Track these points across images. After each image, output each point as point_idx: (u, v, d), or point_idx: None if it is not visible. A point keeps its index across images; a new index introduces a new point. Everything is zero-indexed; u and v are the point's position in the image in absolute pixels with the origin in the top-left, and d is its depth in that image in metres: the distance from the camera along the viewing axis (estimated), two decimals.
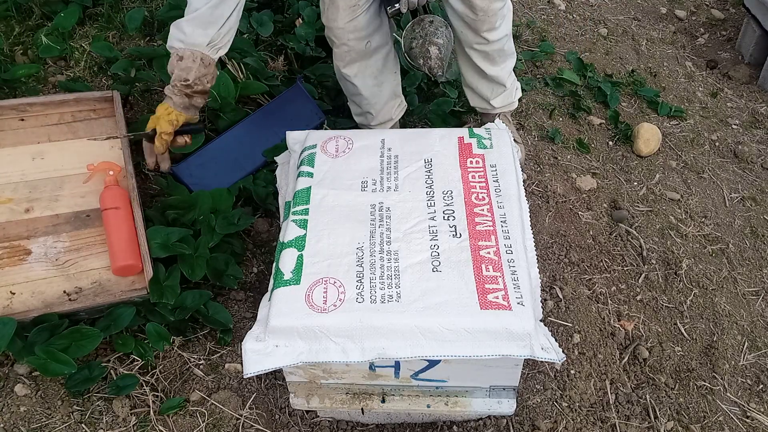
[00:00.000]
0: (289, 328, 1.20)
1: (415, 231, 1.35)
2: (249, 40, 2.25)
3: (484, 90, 2.02)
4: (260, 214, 1.91)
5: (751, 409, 1.62)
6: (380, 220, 1.38)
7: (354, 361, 1.20)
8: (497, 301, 1.21)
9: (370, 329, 1.19)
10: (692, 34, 2.91)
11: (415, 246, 1.32)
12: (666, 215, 2.08)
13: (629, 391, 1.64)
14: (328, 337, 1.20)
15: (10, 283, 1.63)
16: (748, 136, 2.39)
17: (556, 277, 1.87)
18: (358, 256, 1.31)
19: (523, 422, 1.56)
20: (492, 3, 1.76)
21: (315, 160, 1.53)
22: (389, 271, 1.27)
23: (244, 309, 1.74)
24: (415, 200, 1.42)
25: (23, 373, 1.56)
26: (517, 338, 1.18)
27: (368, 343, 1.19)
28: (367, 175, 1.49)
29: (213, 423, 1.53)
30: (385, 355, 1.18)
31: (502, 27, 1.85)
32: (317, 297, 1.24)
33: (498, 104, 2.04)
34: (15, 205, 1.79)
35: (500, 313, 1.19)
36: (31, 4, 2.31)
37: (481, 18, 1.77)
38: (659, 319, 1.79)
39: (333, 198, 1.44)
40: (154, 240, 1.64)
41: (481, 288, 1.24)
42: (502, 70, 1.97)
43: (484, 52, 1.89)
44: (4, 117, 1.91)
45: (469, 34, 1.84)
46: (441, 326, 1.18)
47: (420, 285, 1.25)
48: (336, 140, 1.58)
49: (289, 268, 1.30)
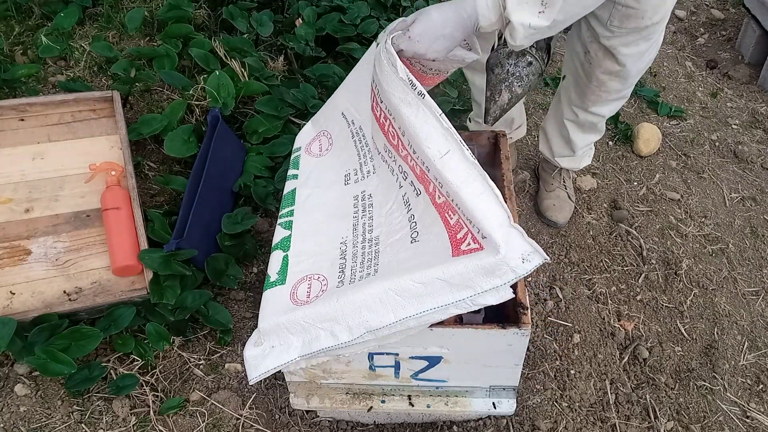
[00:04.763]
0: (277, 326, 1.20)
1: (394, 209, 1.32)
2: (249, 40, 2.25)
3: (555, 144, 1.95)
4: (260, 214, 1.91)
5: (751, 409, 1.62)
6: (363, 211, 1.36)
7: (344, 341, 1.15)
8: (469, 247, 1.12)
9: (351, 306, 1.15)
10: (692, 34, 2.90)
11: (396, 225, 1.28)
12: (666, 215, 2.08)
13: (629, 391, 1.64)
14: (315, 325, 1.18)
15: (10, 283, 1.63)
16: (748, 136, 2.39)
17: (556, 277, 1.87)
18: (342, 250, 1.30)
19: (523, 422, 1.56)
20: (612, 80, 1.62)
21: (300, 162, 1.54)
22: (370, 255, 1.25)
23: (244, 309, 1.74)
24: (385, 175, 1.36)
25: (23, 373, 1.56)
26: (493, 269, 1.07)
27: (352, 320, 1.15)
28: (349, 166, 1.46)
29: (213, 423, 1.53)
30: (371, 326, 1.14)
31: (609, 107, 1.74)
32: (301, 293, 1.24)
33: (562, 163, 1.99)
34: (15, 205, 1.79)
35: (473, 256, 1.09)
36: (31, 4, 2.31)
37: (594, 86, 1.66)
38: (659, 319, 1.79)
39: (317, 197, 1.43)
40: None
41: (453, 239, 1.16)
42: (584, 140, 1.89)
43: (575, 116, 1.80)
44: (4, 117, 1.91)
45: (574, 95, 1.74)
46: (414, 282, 1.11)
47: (397, 257, 1.22)
48: (319, 139, 1.57)
49: (275, 270, 1.31)
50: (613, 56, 1.56)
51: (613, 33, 1.51)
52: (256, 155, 1.97)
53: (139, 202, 1.74)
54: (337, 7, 2.38)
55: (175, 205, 1.87)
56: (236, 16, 2.30)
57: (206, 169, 1.78)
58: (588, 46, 1.60)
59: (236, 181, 1.90)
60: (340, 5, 2.38)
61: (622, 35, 1.51)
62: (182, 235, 1.64)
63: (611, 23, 1.49)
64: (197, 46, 2.13)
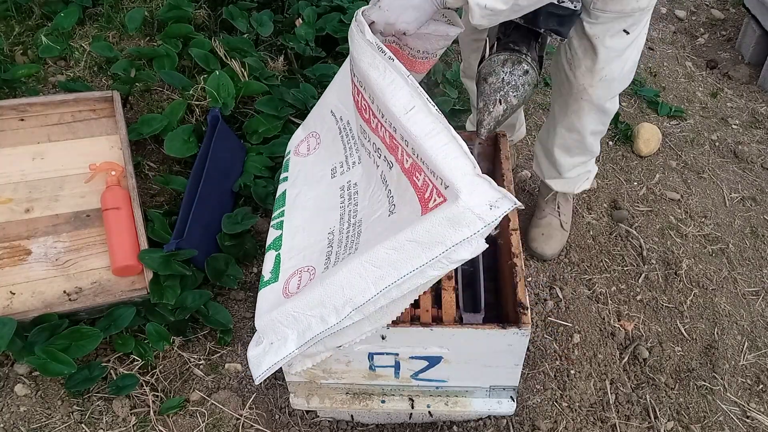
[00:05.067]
0: (271, 321, 1.20)
1: (375, 191, 1.30)
2: (249, 40, 2.25)
3: (543, 163, 1.86)
4: (260, 214, 1.91)
5: (751, 409, 1.62)
6: (349, 199, 1.36)
7: (333, 324, 1.13)
8: (435, 203, 1.08)
9: (333, 286, 1.13)
10: (692, 34, 2.90)
11: (376, 204, 1.27)
12: (666, 215, 2.08)
13: (629, 391, 1.64)
14: (305, 313, 1.17)
15: (10, 283, 1.63)
16: (748, 136, 2.38)
17: (556, 277, 1.87)
18: (329, 240, 1.29)
19: (523, 422, 1.56)
20: (594, 86, 1.54)
21: (289, 164, 1.54)
22: (353, 238, 1.24)
23: (244, 309, 1.74)
24: (366, 160, 1.36)
25: (23, 373, 1.56)
26: (458, 218, 1.03)
27: (337, 300, 1.13)
28: (335, 160, 1.46)
29: (213, 423, 1.53)
30: (356, 303, 1.11)
31: (591, 118, 1.64)
32: (292, 286, 1.24)
33: (555, 186, 1.87)
34: (15, 205, 1.79)
35: (437, 210, 1.06)
36: (31, 4, 2.31)
37: (576, 90, 1.58)
38: (659, 319, 1.79)
39: (305, 193, 1.43)
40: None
41: (422, 200, 1.12)
42: (569, 161, 1.78)
43: (559, 132, 1.71)
44: (4, 117, 1.91)
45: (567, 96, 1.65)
46: (387, 249, 1.08)
47: (375, 231, 1.21)
48: (307, 140, 1.57)
49: (269, 269, 1.31)
50: (594, 51, 1.50)
51: (597, 19, 1.45)
52: (256, 155, 1.97)
53: (139, 202, 1.74)
54: (337, 7, 2.38)
55: (175, 205, 1.87)
56: (236, 16, 2.30)
57: (206, 169, 1.78)
58: (569, 42, 1.53)
59: (236, 181, 1.90)
60: (340, 5, 2.38)
61: (605, 22, 1.45)
62: (182, 235, 1.64)
63: (594, 5, 1.43)
64: (197, 46, 2.14)
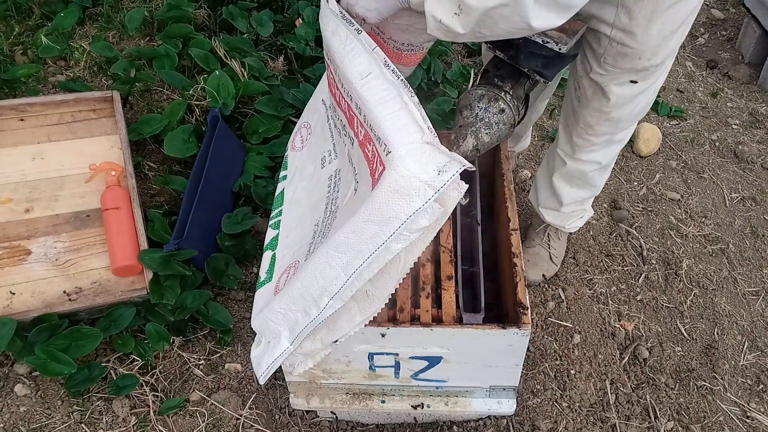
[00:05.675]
0: (264, 321, 1.20)
1: (346, 172, 1.27)
2: (249, 40, 2.25)
3: (542, 193, 1.76)
4: (260, 214, 1.91)
5: (751, 409, 1.62)
6: (334, 187, 1.34)
7: (315, 316, 1.11)
8: (378, 173, 1.01)
9: (309, 278, 1.11)
10: (692, 34, 2.90)
11: (348, 186, 1.24)
12: (666, 215, 2.08)
13: (629, 391, 1.64)
14: (290, 308, 1.16)
15: (10, 283, 1.63)
16: (748, 136, 2.39)
17: (557, 277, 1.87)
18: (314, 232, 1.29)
19: (523, 422, 1.56)
20: (601, 123, 1.44)
21: (288, 161, 1.54)
22: (329, 227, 1.22)
23: (244, 309, 1.74)
24: (339, 141, 1.34)
25: (23, 373, 1.56)
26: (407, 189, 0.96)
27: (314, 292, 1.10)
28: (324, 149, 1.45)
29: (213, 423, 1.53)
30: (331, 292, 1.08)
31: (597, 152, 1.56)
32: (281, 283, 1.24)
33: (548, 217, 1.78)
34: (15, 205, 1.79)
35: (382, 181, 0.98)
36: (31, 4, 2.31)
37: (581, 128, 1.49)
38: (659, 319, 1.79)
39: (301, 190, 1.44)
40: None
41: (372, 174, 1.06)
42: (571, 194, 1.69)
43: (563, 162, 1.62)
44: (4, 117, 1.91)
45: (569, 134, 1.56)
46: (347, 233, 1.03)
47: (343, 215, 1.18)
48: (300, 132, 1.57)
49: (265, 269, 1.32)
50: (604, 94, 1.39)
51: (606, 72, 1.34)
52: (256, 155, 1.97)
53: (139, 202, 1.74)
54: None
55: (175, 205, 1.87)
56: (236, 16, 2.30)
57: (206, 169, 1.78)
58: (579, 80, 1.43)
59: (236, 181, 1.90)
60: None
61: (615, 75, 1.34)
62: (182, 235, 1.64)
63: (605, 60, 1.32)
64: (197, 46, 2.14)
